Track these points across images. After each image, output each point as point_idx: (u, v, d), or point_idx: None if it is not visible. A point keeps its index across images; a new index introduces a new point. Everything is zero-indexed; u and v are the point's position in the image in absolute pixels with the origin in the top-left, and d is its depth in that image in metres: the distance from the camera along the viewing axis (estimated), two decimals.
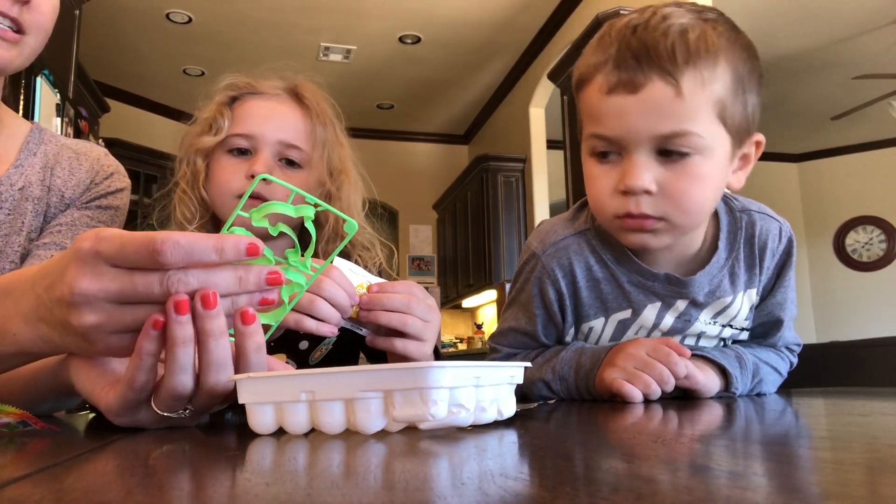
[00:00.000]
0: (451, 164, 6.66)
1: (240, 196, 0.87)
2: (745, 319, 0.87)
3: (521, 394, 0.87)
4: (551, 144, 5.08)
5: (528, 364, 0.55)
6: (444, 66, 5.28)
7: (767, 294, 0.87)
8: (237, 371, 0.49)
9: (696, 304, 0.83)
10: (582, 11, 4.16)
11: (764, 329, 0.90)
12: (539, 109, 5.08)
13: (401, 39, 4.84)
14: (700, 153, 0.71)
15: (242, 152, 0.93)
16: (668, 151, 0.70)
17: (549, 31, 4.63)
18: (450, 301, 6.23)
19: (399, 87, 5.68)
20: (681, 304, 0.82)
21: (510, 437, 0.43)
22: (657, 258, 0.82)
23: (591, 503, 0.22)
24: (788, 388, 0.93)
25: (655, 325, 0.83)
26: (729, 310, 0.84)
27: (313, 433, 0.45)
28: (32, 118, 2.74)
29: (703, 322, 0.83)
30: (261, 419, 0.46)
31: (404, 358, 0.75)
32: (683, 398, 0.77)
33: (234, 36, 4.68)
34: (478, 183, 5.47)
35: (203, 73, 5.20)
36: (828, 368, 4.23)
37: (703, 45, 0.69)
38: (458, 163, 6.62)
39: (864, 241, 6.47)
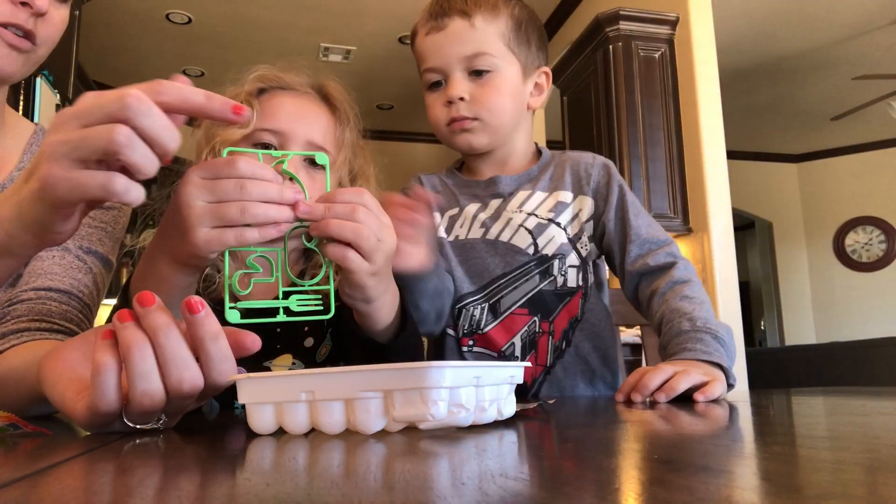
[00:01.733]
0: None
1: None
2: (552, 220, 1.04)
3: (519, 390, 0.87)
4: (551, 145, 5.06)
5: (528, 364, 0.55)
6: None
7: (605, 205, 1.03)
8: (200, 364, 0.47)
9: (506, 199, 1.05)
10: (582, 12, 4.16)
11: (621, 236, 1.02)
12: (539, 110, 5.08)
13: (401, 40, 4.84)
14: (496, 70, 0.98)
15: (266, 147, 0.89)
16: (476, 71, 0.98)
17: (548, 31, 4.63)
18: None
19: (399, 88, 5.67)
20: (494, 203, 1.05)
21: (510, 437, 0.43)
22: (483, 172, 1.08)
23: (591, 503, 0.22)
24: (789, 388, 0.93)
25: (475, 217, 1.05)
26: (531, 200, 1.05)
27: (313, 433, 0.45)
28: (32, 118, 2.74)
29: (511, 211, 1.04)
30: (261, 419, 0.46)
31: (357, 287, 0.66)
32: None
33: (233, 36, 4.68)
34: None
35: (203, 74, 5.19)
36: (828, 368, 4.23)
37: (486, 1, 0.99)
38: None
39: (864, 242, 6.47)
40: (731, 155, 3.53)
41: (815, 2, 4.14)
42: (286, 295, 0.61)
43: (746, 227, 7.34)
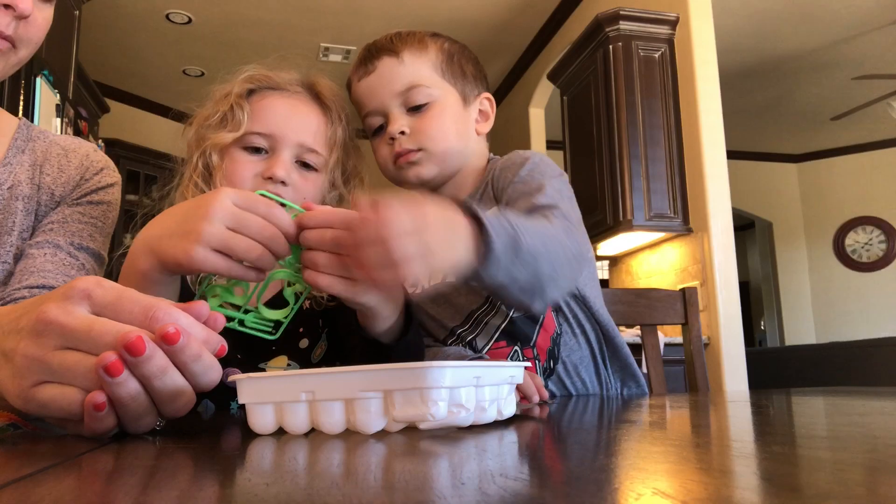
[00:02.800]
0: None
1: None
2: None
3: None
4: (551, 145, 5.07)
5: (528, 364, 0.55)
6: None
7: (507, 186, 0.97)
8: (186, 377, 0.46)
9: None
10: (581, 12, 4.16)
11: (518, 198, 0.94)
12: (539, 110, 5.08)
13: None
14: (434, 101, 0.97)
15: (257, 150, 0.90)
16: (414, 107, 0.97)
17: (548, 31, 4.63)
18: None
19: None
20: None
21: (510, 437, 0.43)
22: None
23: (591, 503, 0.22)
24: (789, 388, 0.93)
25: None
26: None
27: (313, 433, 0.45)
28: (32, 119, 2.74)
29: None
30: (261, 419, 0.46)
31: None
32: None
33: (233, 36, 4.68)
34: None
35: (203, 74, 5.19)
36: (828, 368, 4.23)
37: (412, 36, 1.00)
38: None
39: (864, 242, 6.47)
40: (731, 155, 3.53)
41: (815, 2, 4.14)
42: (247, 310, 0.68)
43: (746, 227, 7.34)
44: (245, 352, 0.87)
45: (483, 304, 0.98)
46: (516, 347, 0.99)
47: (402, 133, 0.96)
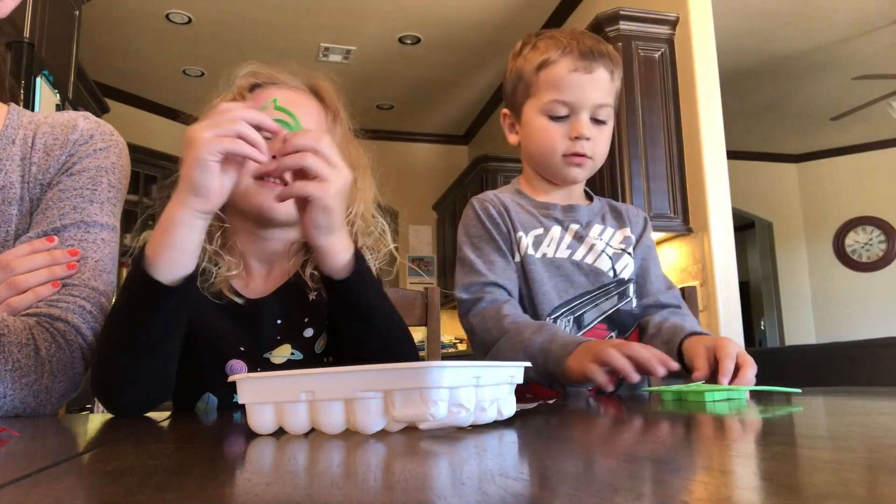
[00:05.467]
0: (450, 165, 6.65)
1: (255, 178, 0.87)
2: (624, 250, 1.17)
3: None
4: None
5: (528, 364, 0.55)
6: (443, 66, 5.27)
7: (638, 241, 1.19)
8: None
9: (584, 227, 1.16)
10: (581, 12, 4.16)
11: (643, 279, 1.18)
12: None
13: (401, 40, 4.84)
14: (609, 121, 1.12)
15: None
16: (596, 119, 1.09)
17: None
18: (450, 301, 6.22)
19: (399, 88, 5.67)
20: (573, 227, 1.15)
21: (510, 437, 0.43)
22: (553, 196, 1.18)
23: (591, 503, 0.22)
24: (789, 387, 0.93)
25: (561, 239, 1.14)
26: (606, 233, 1.18)
27: (313, 433, 0.45)
28: None
29: (593, 238, 1.15)
30: (261, 419, 0.46)
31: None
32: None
33: (233, 36, 4.68)
34: (478, 183, 5.46)
35: (203, 74, 5.19)
36: (828, 368, 4.23)
37: (618, 55, 1.14)
38: (458, 163, 6.61)
39: (864, 242, 6.47)
40: (731, 155, 3.53)
41: (815, 2, 4.14)
42: None
43: (746, 227, 7.34)
44: (250, 342, 0.88)
45: (596, 289, 1.12)
46: (612, 334, 1.11)
47: (588, 139, 1.08)
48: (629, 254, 1.17)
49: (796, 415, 0.59)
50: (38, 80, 2.80)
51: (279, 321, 0.90)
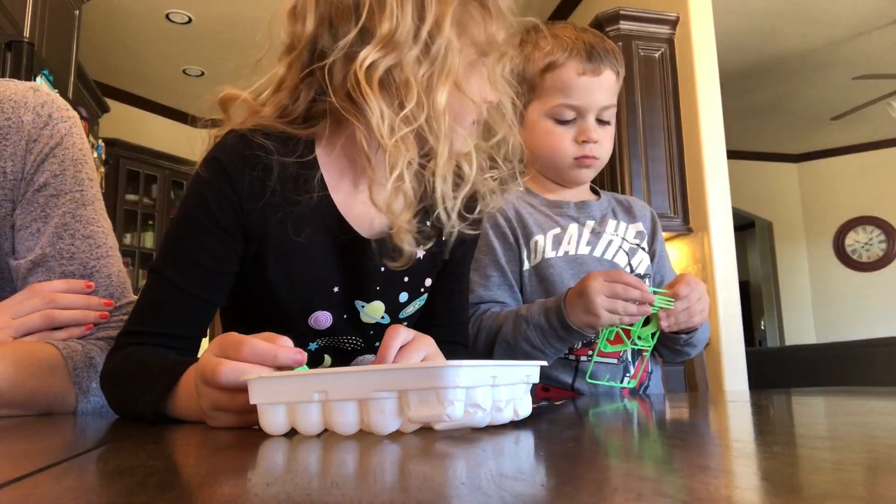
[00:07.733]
0: None
1: None
2: (638, 245, 1.20)
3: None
4: None
5: (545, 363, 0.55)
6: None
7: (652, 239, 1.22)
8: None
9: (599, 223, 1.17)
10: (582, 12, 4.16)
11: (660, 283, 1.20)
12: None
13: None
14: (612, 121, 1.13)
15: None
16: (600, 121, 1.10)
17: None
18: None
19: None
20: (590, 224, 1.17)
21: (526, 438, 0.43)
22: (562, 194, 1.20)
23: (592, 503, 0.22)
24: (789, 388, 0.94)
25: (580, 236, 1.15)
26: (620, 227, 1.19)
27: (326, 434, 0.45)
28: None
29: (610, 233, 1.17)
30: (273, 420, 0.45)
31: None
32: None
33: (233, 36, 4.67)
34: None
35: (203, 74, 5.19)
36: (828, 368, 4.23)
37: (621, 55, 1.13)
38: None
39: (864, 242, 6.47)
40: (731, 155, 3.53)
41: (815, 2, 4.14)
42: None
43: (746, 227, 7.34)
44: (347, 287, 0.82)
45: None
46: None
47: (596, 142, 1.10)
48: (643, 249, 1.18)
49: (796, 415, 0.59)
50: (38, 79, 2.80)
51: (382, 269, 0.82)
